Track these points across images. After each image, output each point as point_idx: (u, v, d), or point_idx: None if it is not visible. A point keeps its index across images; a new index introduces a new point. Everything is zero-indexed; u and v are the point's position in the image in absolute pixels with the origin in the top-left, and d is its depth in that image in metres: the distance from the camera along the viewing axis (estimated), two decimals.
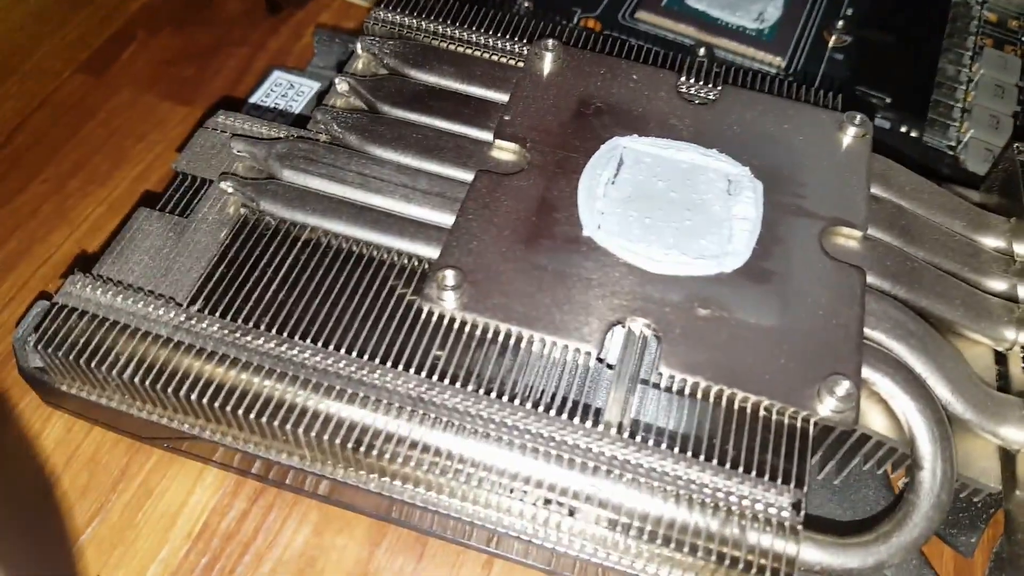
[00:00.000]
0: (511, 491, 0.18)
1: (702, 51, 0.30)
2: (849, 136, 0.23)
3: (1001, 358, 0.22)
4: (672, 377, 0.19)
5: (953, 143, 0.29)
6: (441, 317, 0.20)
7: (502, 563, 0.21)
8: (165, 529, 0.21)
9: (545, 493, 0.18)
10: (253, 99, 0.28)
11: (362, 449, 0.18)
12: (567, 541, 0.19)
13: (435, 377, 0.19)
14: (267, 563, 0.20)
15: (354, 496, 0.20)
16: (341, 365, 0.19)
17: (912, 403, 0.19)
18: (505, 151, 0.23)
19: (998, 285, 0.22)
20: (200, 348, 0.19)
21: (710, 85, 0.24)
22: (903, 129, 0.29)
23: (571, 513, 0.18)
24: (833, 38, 0.32)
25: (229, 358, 0.19)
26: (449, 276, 0.20)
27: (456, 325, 0.19)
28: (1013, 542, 0.19)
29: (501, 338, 0.19)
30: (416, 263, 0.21)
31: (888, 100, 0.30)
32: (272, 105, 0.28)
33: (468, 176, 0.22)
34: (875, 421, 0.20)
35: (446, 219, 0.21)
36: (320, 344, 0.19)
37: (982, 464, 0.20)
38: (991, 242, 0.23)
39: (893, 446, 0.19)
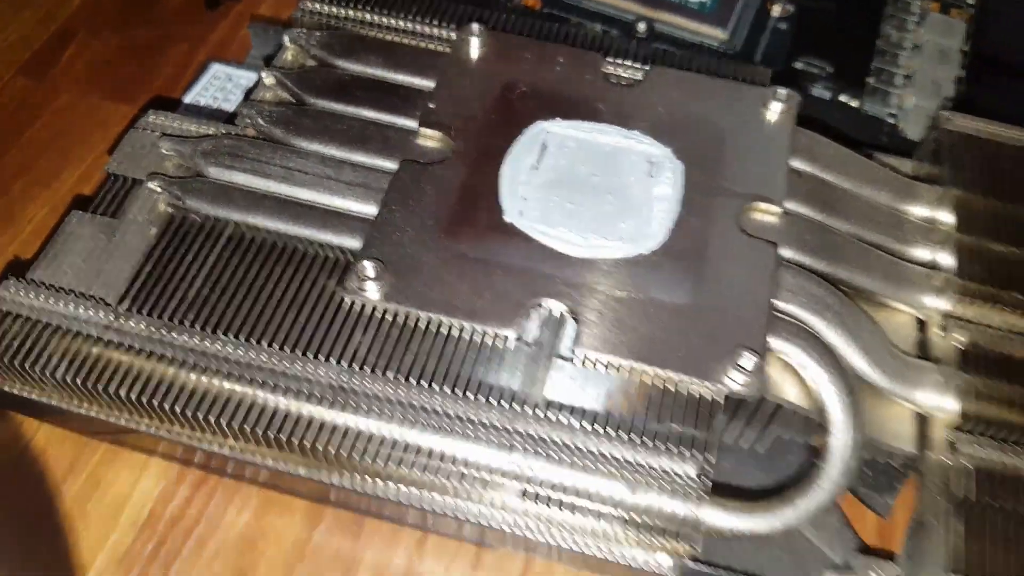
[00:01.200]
0: (437, 471, 0.19)
1: (642, 26, 0.30)
2: (773, 111, 0.23)
3: (924, 326, 0.22)
4: (587, 356, 0.19)
5: (894, 111, 0.29)
6: (364, 308, 0.20)
7: (436, 539, 0.21)
8: (113, 518, 0.22)
9: (469, 471, 0.19)
10: (191, 94, 0.28)
11: (290, 438, 0.19)
12: (490, 515, 0.19)
13: (357, 366, 0.19)
14: (211, 546, 0.21)
15: (291, 482, 0.21)
16: (264, 357, 0.19)
17: (822, 372, 0.19)
18: (430, 139, 0.23)
19: (921, 254, 0.23)
20: (130, 346, 0.20)
21: (637, 65, 0.24)
22: (843, 99, 0.29)
23: (492, 488, 0.19)
24: (777, 8, 0.32)
25: (157, 355, 0.20)
26: (370, 267, 0.20)
27: (379, 315, 0.20)
28: (923, 504, 0.20)
29: (423, 326, 0.20)
30: (340, 255, 0.21)
31: (830, 70, 0.30)
32: (211, 98, 0.28)
33: (393, 165, 0.22)
34: (789, 391, 0.20)
35: (370, 209, 0.22)
36: (244, 338, 0.20)
37: (898, 428, 0.20)
38: (918, 211, 0.24)
39: (804, 414, 0.20)
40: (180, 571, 0.21)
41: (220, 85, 0.28)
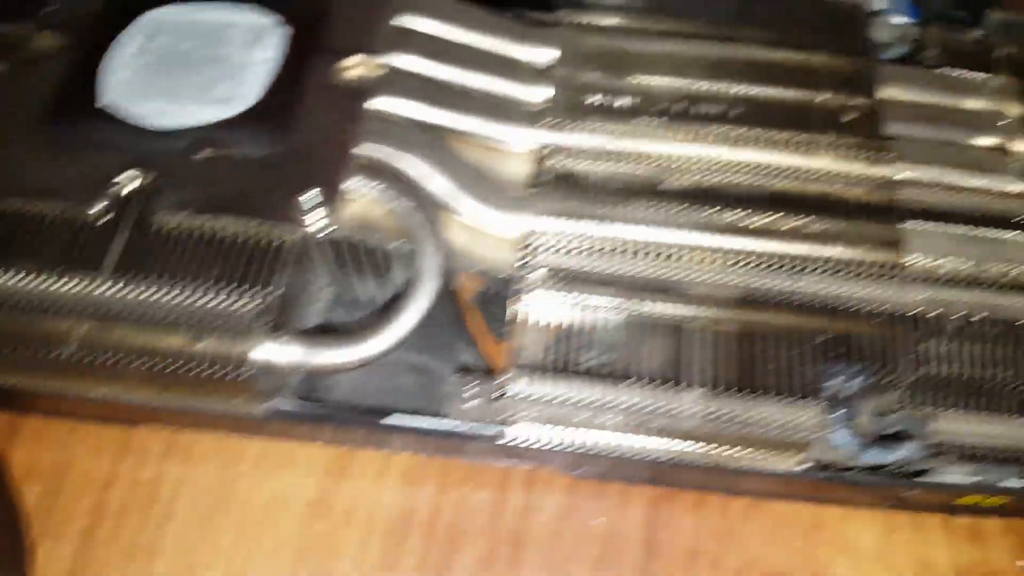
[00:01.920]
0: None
1: None
2: None
3: (533, 160, 0.23)
4: (171, 221, 0.20)
5: None
6: None
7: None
8: None
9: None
10: None
11: None
12: (110, 392, 0.20)
13: None
14: None
15: None
16: None
17: (404, 203, 0.20)
18: (44, 39, 0.23)
19: (530, 93, 0.23)
20: None
21: None
22: None
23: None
24: None
25: None
26: None
27: None
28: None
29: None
30: None
31: None
32: None
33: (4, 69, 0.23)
34: (387, 228, 0.21)
35: None
36: None
37: (498, 256, 0.21)
38: (530, 54, 0.24)
39: (390, 246, 0.21)
40: None
41: None
